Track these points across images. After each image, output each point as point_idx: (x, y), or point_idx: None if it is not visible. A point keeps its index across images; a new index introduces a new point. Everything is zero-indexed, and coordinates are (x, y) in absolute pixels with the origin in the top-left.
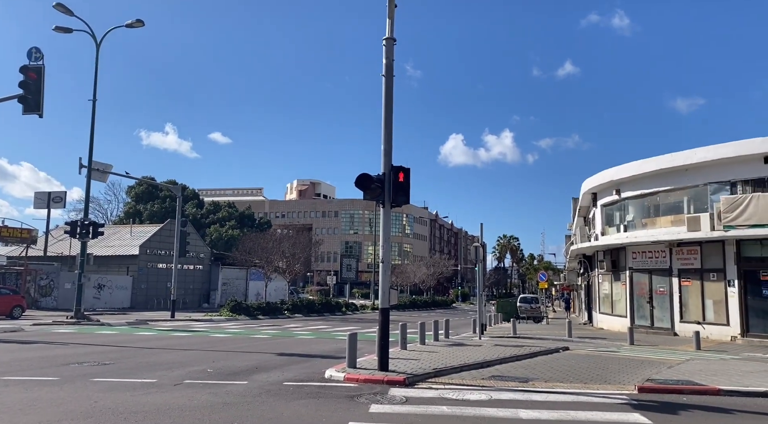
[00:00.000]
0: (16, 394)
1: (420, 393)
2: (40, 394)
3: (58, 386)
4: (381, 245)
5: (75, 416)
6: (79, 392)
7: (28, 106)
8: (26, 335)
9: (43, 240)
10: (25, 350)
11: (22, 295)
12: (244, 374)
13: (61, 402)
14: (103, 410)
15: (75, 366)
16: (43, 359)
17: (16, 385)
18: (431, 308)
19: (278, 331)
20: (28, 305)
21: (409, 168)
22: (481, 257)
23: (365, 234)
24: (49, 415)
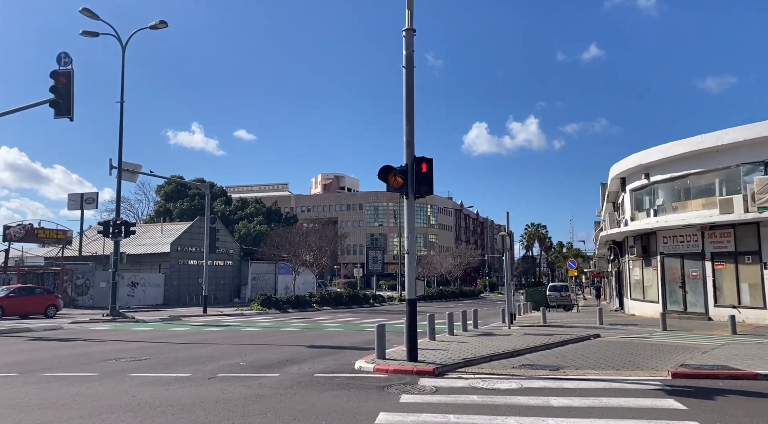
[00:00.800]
0: (59, 389)
1: (450, 383)
2: (81, 389)
3: (98, 382)
4: (405, 236)
5: (115, 410)
6: (117, 387)
7: (59, 111)
8: (65, 332)
9: (77, 240)
10: (65, 347)
11: (57, 294)
12: (275, 367)
13: (101, 397)
14: (141, 404)
15: (113, 362)
16: (82, 356)
17: (58, 381)
18: (459, 298)
19: (307, 324)
20: (66, 304)
21: (431, 158)
22: (508, 246)
23: (390, 226)
24: (90, 409)
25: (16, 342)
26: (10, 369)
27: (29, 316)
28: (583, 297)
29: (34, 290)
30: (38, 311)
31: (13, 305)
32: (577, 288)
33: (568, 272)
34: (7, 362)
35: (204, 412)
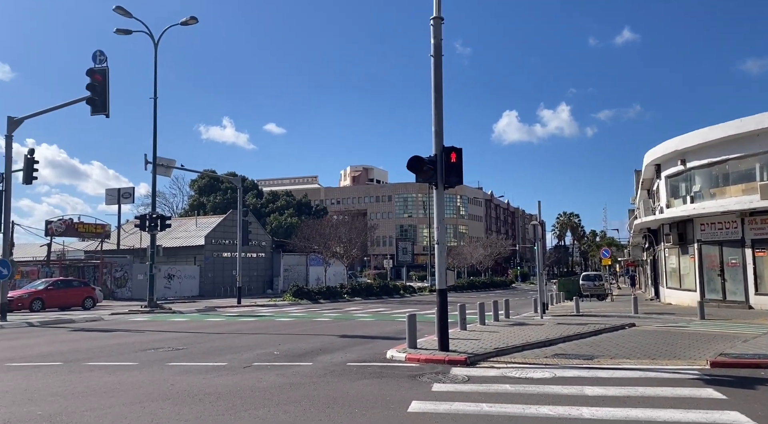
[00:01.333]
0: (101, 378)
1: (482, 372)
2: (122, 378)
3: (138, 371)
4: (435, 226)
5: (154, 397)
6: (156, 376)
7: (95, 108)
8: (106, 324)
9: (115, 234)
10: (106, 337)
11: (93, 287)
12: (308, 356)
13: (141, 385)
14: (179, 392)
15: (152, 352)
16: (122, 346)
17: (100, 370)
18: (490, 288)
19: (339, 314)
20: (106, 296)
21: (461, 148)
22: (540, 236)
23: (419, 217)
24: (131, 397)
25: (59, 333)
26: (55, 358)
27: (69, 308)
28: (617, 286)
29: (72, 282)
30: (76, 303)
31: (53, 297)
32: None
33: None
34: (52, 351)
35: (240, 400)
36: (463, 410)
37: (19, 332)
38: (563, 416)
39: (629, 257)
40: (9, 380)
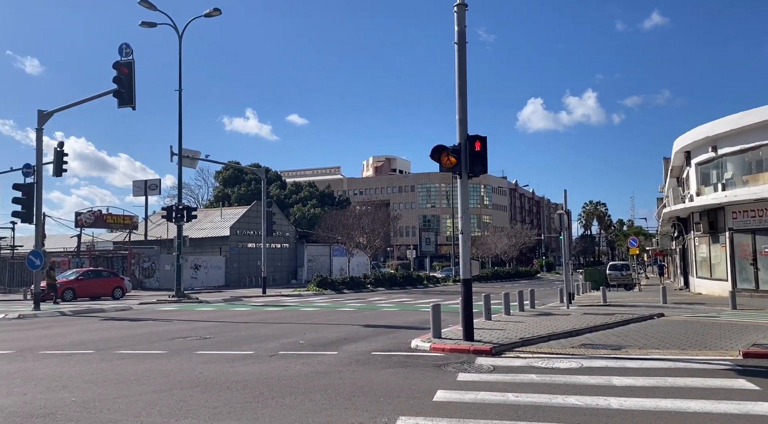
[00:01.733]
0: (132, 365)
1: (507, 362)
2: (152, 366)
3: (167, 359)
4: (459, 216)
5: (183, 385)
6: (185, 364)
7: (122, 100)
8: (135, 313)
9: (143, 225)
10: (135, 326)
11: (122, 277)
12: (333, 345)
13: (170, 373)
14: (207, 380)
15: (180, 340)
16: (151, 335)
17: (130, 358)
18: (514, 278)
19: (363, 304)
20: (134, 286)
21: (485, 136)
22: (565, 225)
23: (443, 207)
24: (160, 385)
25: (90, 322)
26: (87, 347)
27: (99, 297)
28: (645, 276)
29: (101, 273)
30: (106, 293)
31: (83, 287)
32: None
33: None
34: (84, 340)
35: (267, 388)
36: (488, 400)
37: (52, 320)
38: (590, 406)
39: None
40: (43, 367)
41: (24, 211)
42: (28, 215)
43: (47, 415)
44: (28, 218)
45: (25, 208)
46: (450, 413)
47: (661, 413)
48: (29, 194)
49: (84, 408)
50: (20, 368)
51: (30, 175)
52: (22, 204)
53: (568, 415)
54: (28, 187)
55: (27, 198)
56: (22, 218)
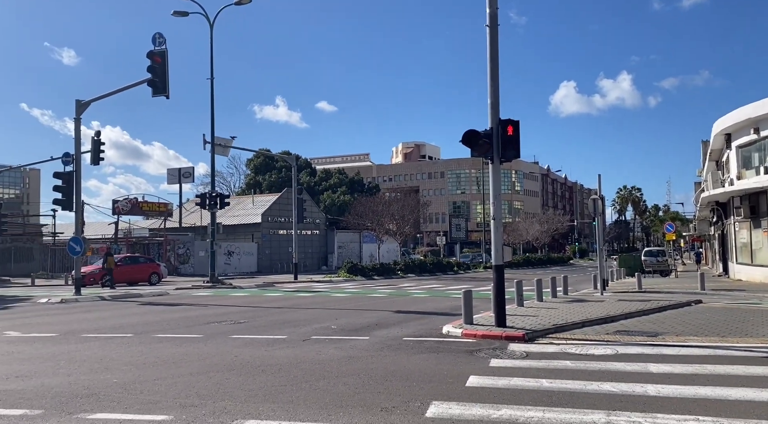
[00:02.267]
0: (169, 349)
1: (541, 348)
2: (189, 349)
3: (203, 343)
4: (491, 202)
5: (219, 368)
6: (220, 348)
7: (156, 89)
8: (171, 298)
9: (177, 213)
10: (172, 311)
11: (158, 263)
12: (365, 330)
13: (207, 356)
14: (243, 363)
15: (215, 325)
16: (187, 319)
17: (168, 341)
18: (546, 265)
19: (393, 290)
20: (170, 272)
21: (518, 120)
22: (600, 210)
23: (473, 193)
24: (197, 367)
25: (129, 306)
26: (127, 330)
27: (136, 283)
28: (681, 262)
29: (138, 259)
30: (143, 279)
31: (121, 273)
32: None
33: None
34: (123, 324)
35: (300, 371)
36: (522, 386)
37: (92, 305)
38: (627, 393)
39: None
40: (86, 349)
41: (64, 198)
42: (68, 202)
43: (91, 395)
44: (68, 205)
45: (65, 196)
46: (483, 399)
47: (700, 400)
48: (69, 182)
49: (125, 389)
50: (64, 350)
51: (69, 163)
52: (62, 192)
53: (603, 402)
54: (68, 175)
55: (67, 186)
56: (63, 206)
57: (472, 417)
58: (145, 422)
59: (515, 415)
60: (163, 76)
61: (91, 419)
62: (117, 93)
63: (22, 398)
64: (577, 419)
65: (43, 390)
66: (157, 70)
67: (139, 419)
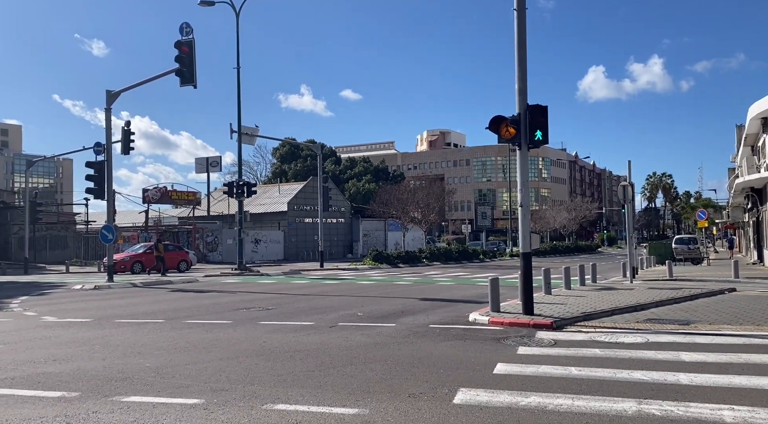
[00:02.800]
0: (199, 334)
1: (569, 336)
2: (218, 335)
3: (232, 329)
4: (518, 189)
5: (248, 354)
6: (249, 333)
7: (184, 79)
8: (200, 285)
9: (205, 201)
10: (201, 297)
11: (187, 250)
12: (391, 317)
13: (236, 341)
14: (271, 349)
15: (244, 311)
16: (216, 305)
17: (198, 327)
18: (574, 253)
19: (418, 278)
20: (199, 259)
21: (546, 106)
22: (629, 197)
23: (498, 181)
24: (228, 352)
25: (160, 293)
26: (158, 316)
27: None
28: (713, 250)
29: (168, 246)
30: (172, 266)
31: (151, 260)
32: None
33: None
34: (155, 310)
35: (328, 357)
36: (550, 374)
37: (124, 291)
38: (658, 381)
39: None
40: (119, 334)
41: (96, 187)
42: (100, 191)
43: (125, 379)
44: (100, 194)
45: (97, 185)
46: (511, 386)
47: (735, 389)
48: (100, 172)
49: (158, 373)
50: (98, 334)
51: (100, 153)
52: (94, 181)
53: (634, 390)
54: (99, 164)
55: (98, 175)
56: (95, 195)
57: (500, 404)
58: (177, 405)
59: (544, 402)
60: (191, 65)
61: (126, 401)
62: (146, 83)
63: (59, 381)
64: (606, 407)
65: (79, 373)
66: (185, 60)
67: (171, 402)
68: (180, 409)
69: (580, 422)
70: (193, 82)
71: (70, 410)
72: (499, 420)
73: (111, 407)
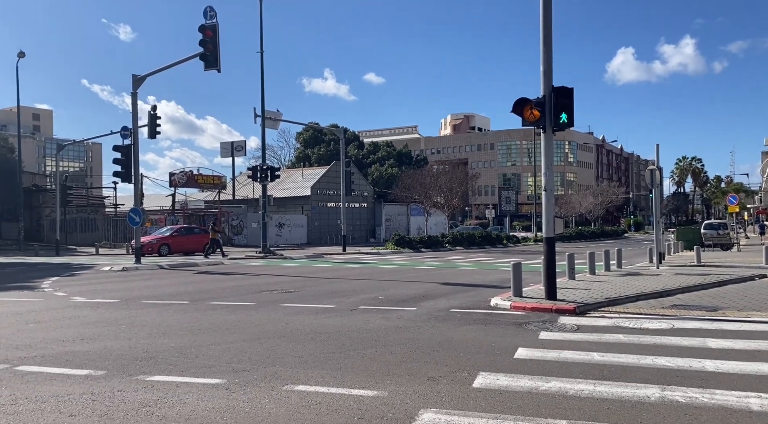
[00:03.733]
0: (223, 316)
1: (592, 322)
2: (241, 316)
3: (255, 311)
4: (543, 173)
5: (271, 335)
6: (272, 315)
7: (208, 63)
8: (225, 267)
9: (230, 185)
10: (225, 280)
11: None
12: (412, 302)
13: (259, 323)
14: (293, 331)
15: (266, 294)
16: (240, 288)
17: (222, 308)
18: (600, 238)
19: (441, 262)
20: (224, 242)
21: (572, 88)
22: (657, 181)
23: (523, 165)
24: (250, 334)
25: (186, 275)
26: (183, 298)
27: (192, 253)
28: (744, 236)
29: (194, 229)
30: (198, 249)
31: (177, 243)
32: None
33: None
34: (180, 291)
35: (348, 340)
36: (572, 359)
37: (151, 273)
38: (683, 368)
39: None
40: (145, 315)
41: (123, 171)
42: (127, 174)
43: (149, 358)
44: (127, 177)
45: (124, 168)
46: (532, 371)
47: (763, 377)
48: (127, 156)
49: (181, 353)
50: (125, 315)
51: (127, 137)
52: (121, 164)
53: (658, 376)
54: (127, 148)
55: (125, 159)
56: (122, 178)
57: (520, 388)
58: (200, 385)
59: (565, 388)
60: (215, 49)
61: (150, 380)
62: (171, 67)
63: (87, 359)
64: (629, 392)
65: (105, 352)
66: (209, 44)
67: (195, 382)
68: (202, 388)
69: (602, 407)
70: (216, 66)
71: (96, 387)
72: (518, 404)
73: (135, 385)
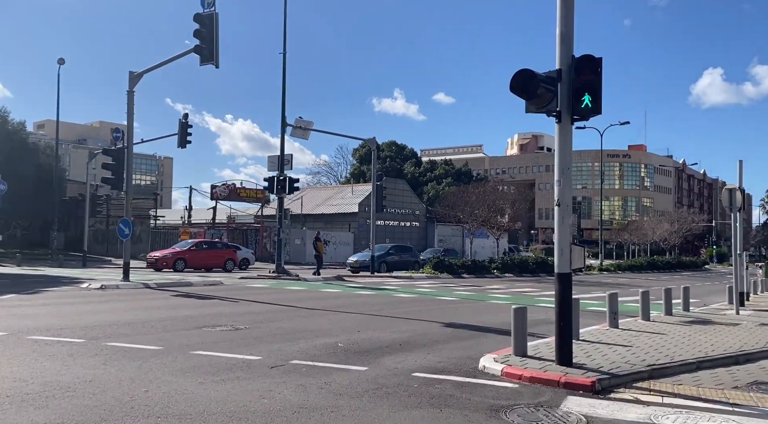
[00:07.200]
0: (84, 369)
1: (612, 410)
2: (96, 372)
3: (142, 360)
4: (555, 179)
5: (91, 415)
6: (145, 374)
7: (203, 57)
8: (218, 289)
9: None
10: (190, 307)
11: (237, 249)
12: (373, 355)
13: (104, 389)
14: (137, 407)
15: (201, 330)
16: (186, 319)
17: (105, 355)
18: (675, 269)
19: (472, 292)
20: (266, 258)
21: (600, 57)
22: (737, 204)
23: (595, 188)
24: (65, 408)
25: (159, 298)
26: (89, 332)
27: (211, 269)
28: None
29: (216, 244)
30: (218, 265)
31: (195, 258)
32: None
33: None
34: (112, 321)
35: None
36: None
37: (127, 294)
38: None
39: None
40: None
41: (113, 177)
42: (118, 181)
43: None
44: (117, 184)
45: (114, 174)
46: None
47: None
48: (119, 160)
49: None
50: None
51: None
52: (111, 170)
53: None
54: (118, 152)
55: (116, 164)
56: (112, 185)
57: None
58: None
59: None
60: (211, 42)
61: None
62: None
63: None
64: None
65: None
66: (205, 36)
67: None
68: None
69: None
70: (213, 60)
71: None
72: None
73: None
